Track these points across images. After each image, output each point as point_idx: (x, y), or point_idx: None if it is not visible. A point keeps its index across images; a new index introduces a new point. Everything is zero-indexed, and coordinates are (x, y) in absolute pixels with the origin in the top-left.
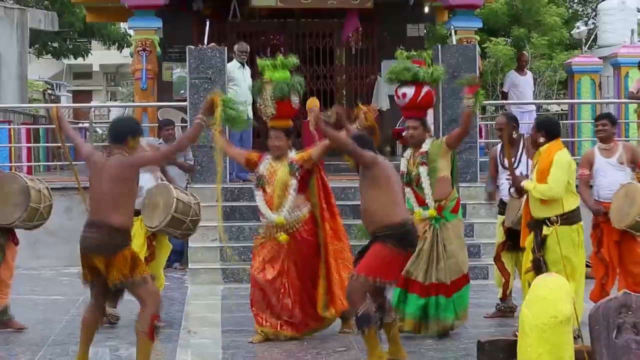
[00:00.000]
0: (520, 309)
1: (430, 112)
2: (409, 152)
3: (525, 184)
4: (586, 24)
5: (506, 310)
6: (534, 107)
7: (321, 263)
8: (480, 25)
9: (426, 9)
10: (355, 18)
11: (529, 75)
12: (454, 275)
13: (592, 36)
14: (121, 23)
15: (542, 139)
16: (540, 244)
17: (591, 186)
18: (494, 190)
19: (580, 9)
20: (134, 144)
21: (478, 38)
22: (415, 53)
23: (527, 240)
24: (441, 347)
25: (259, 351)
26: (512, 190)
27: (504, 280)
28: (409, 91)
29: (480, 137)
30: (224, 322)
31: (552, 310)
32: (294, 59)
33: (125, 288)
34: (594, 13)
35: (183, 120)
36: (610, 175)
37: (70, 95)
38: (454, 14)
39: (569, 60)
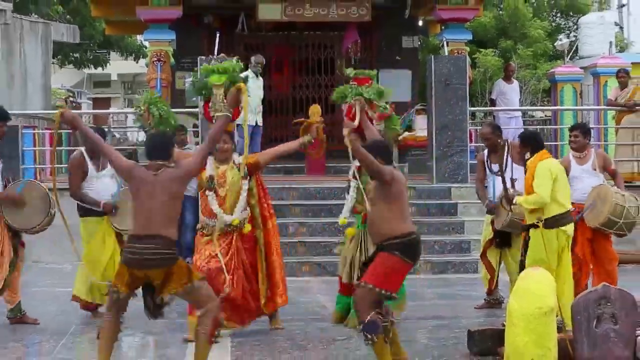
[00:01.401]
0: (507, 300)
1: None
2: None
3: (517, 200)
4: (568, 37)
5: (494, 302)
6: (520, 114)
7: (261, 259)
8: (470, 37)
9: (420, 22)
10: (355, 30)
11: (516, 83)
12: None
13: (574, 48)
14: (137, 35)
15: (528, 155)
16: (524, 246)
17: None
18: (491, 204)
19: (563, 23)
20: (173, 154)
21: (468, 49)
22: (359, 71)
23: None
24: (433, 336)
25: (264, 340)
26: (503, 201)
27: (489, 276)
28: (345, 108)
29: (471, 141)
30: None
31: (538, 302)
32: (237, 64)
33: (182, 296)
34: (575, 26)
35: (195, 126)
36: (585, 181)
37: (91, 102)
38: (446, 26)
39: (552, 70)
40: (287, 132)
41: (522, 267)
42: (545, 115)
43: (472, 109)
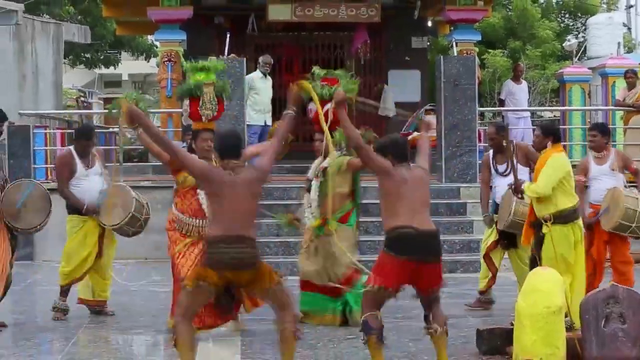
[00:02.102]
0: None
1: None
2: (317, 161)
3: (524, 186)
4: (576, 37)
5: (486, 302)
6: (528, 114)
7: None
8: (479, 38)
9: (429, 23)
10: (364, 31)
11: (524, 84)
12: (341, 274)
13: (582, 48)
14: (148, 36)
15: (549, 144)
16: (538, 242)
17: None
18: (492, 216)
19: (571, 23)
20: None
21: (477, 50)
22: (329, 71)
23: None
24: None
25: (275, 339)
26: (511, 191)
27: (490, 275)
28: (313, 107)
29: (480, 141)
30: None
31: (546, 301)
32: (221, 63)
33: (266, 297)
34: (583, 27)
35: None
36: (604, 182)
37: (102, 102)
38: (455, 27)
39: (561, 71)
40: (297, 131)
41: (533, 263)
42: (554, 116)
43: (481, 109)
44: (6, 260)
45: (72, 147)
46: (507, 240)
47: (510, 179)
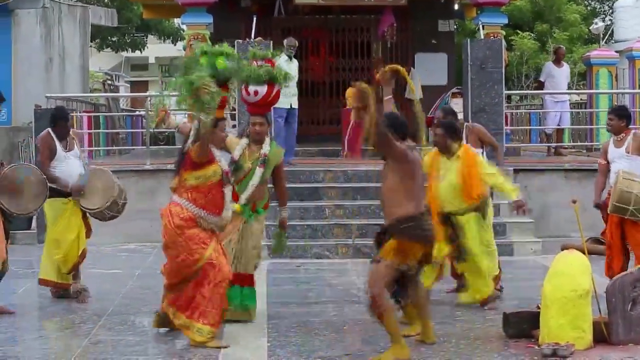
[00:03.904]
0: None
1: (459, 102)
2: (244, 142)
3: None
4: (603, 20)
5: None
6: (567, 97)
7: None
8: (506, 21)
9: (456, 6)
10: (391, 14)
11: (566, 67)
12: (250, 270)
13: (609, 31)
14: (175, 19)
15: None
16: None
17: None
18: None
19: (598, 7)
20: None
21: (504, 33)
22: (265, 52)
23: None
24: (469, 319)
25: (300, 322)
26: None
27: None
28: (261, 89)
29: (506, 124)
30: (269, 295)
31: (572, 284)
32: (227, 49)
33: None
34: (610, 10)
35: (232, 109)
36: (619, 164)
37: (128, 85)
38: (481, 10)
39: (588, 54)
40: (322, 115)
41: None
42: (581, 99)
43: (508, 92)
44: (2, 246)
45: (49, 129)
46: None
47: None
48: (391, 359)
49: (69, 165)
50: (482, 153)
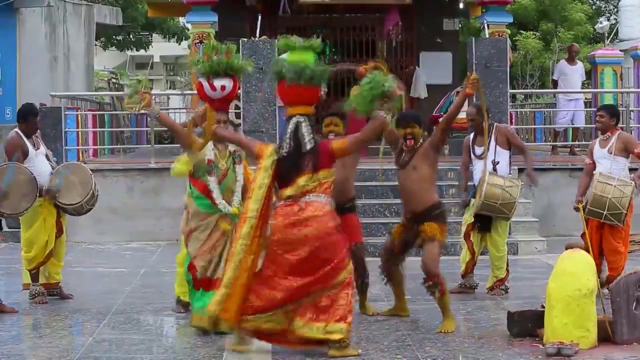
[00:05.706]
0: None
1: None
2: (210, 145)
3: None
4: (608, 20)
5: (467, 287)
6: (581, 96)
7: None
8: (511, 20)
9: (461, 5)
10: (396, 13)
11: (579, 65)
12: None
13: (614, 31)
14: (180, 18)
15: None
16: None
17: None
18: (466, 198)
19: (603, 6)
20: None
21: (509, 32)
22: (219, 45)
23: None
24: (474, 318)
25: None
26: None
27: (468, 258)
28: (229, 84)
29: (511, 123)
30: None
31: (577, 283)
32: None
33: None
34: (615, 9)
35: (236, 107)
36: (602, 165)
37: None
38: (486, 9)
39: (593, 53)
40: (326, 113)
41: None
42: (586, 98)
43: (513, 91)
44: None
45: (17, 130)
46: (481, 223)
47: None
48: (452, 328)
49: (39, 164)
50: (509, 155)
